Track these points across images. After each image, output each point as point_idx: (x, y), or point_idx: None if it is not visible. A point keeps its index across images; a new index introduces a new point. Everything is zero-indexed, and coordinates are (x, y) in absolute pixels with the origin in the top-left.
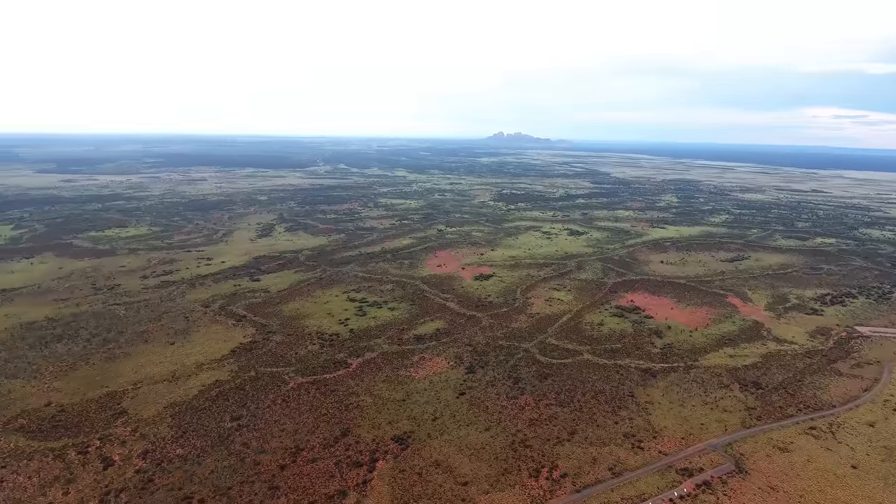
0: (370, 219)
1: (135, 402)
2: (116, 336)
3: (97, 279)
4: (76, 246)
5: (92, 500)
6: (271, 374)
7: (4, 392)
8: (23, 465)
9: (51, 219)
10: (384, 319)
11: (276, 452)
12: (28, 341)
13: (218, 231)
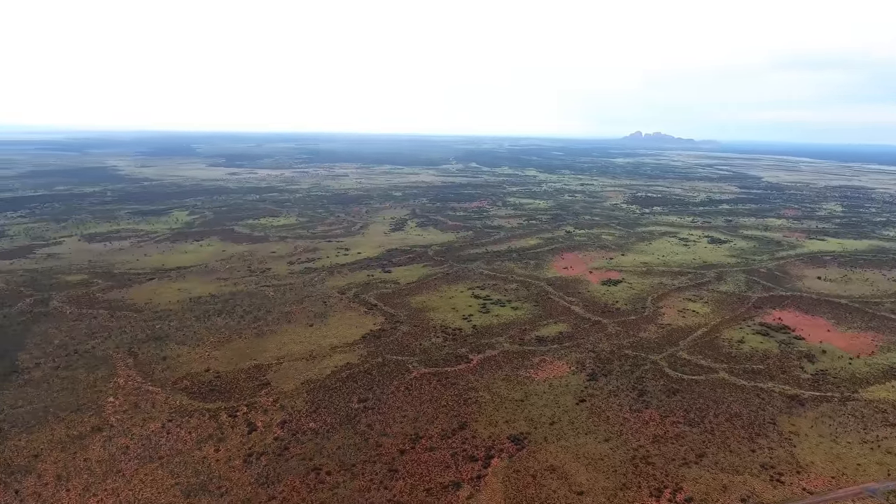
0: (498, 217)
1: (277, 375)
2: (265, 315)
3: (252, 262)
4: (236, 232)
5: (237, 458)
6: (397, 362)
7: (174, 356)
8: (184, 420)
9: (218, 207)
10: (507, 318)
11: (396, 437)
12: (195, 313)
13: (356, 224)
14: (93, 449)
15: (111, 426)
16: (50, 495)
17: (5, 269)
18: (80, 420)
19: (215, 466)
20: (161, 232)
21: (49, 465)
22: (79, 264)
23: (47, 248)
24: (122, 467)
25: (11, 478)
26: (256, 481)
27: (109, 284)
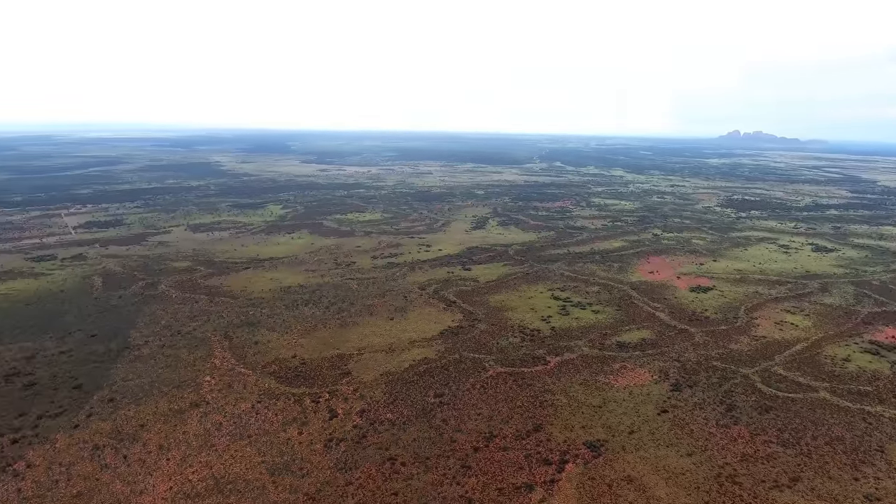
0: (581, 218)
1: (358, 365)
2: (348, 306)
3: (338, 256)
4: (325, 226)
5: (318, 442)
6: (473, 360)
7: (265, 341)
8: (272, 403)
9: (308, 202)
10: (587, 321)
11: (470, 434)
12: (284, 302)
13: (438, 221)
14: (190, 423)
15: (207, 403)
16: (153, 462)
17: (122, 254)
18: (181, 396)
19: (298, 448)
20: (257, 224)
21: (153, 434)
22: (184, 252)
23: (158, 236)
24: (215, 442)
25: (121, 444)
26: (335, 466)
27: (210, 272)
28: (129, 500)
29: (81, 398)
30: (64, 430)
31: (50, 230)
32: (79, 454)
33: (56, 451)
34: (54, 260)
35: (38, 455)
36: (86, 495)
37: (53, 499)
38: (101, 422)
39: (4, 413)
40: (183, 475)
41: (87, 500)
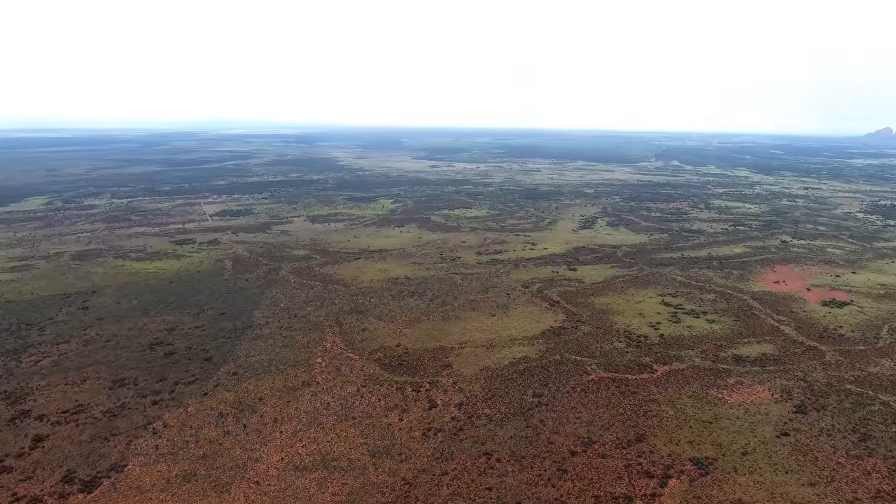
0: (699, 220)
1: (458, 359)
2: (451, 300)
3: (444, 250)
4: (432, 221)
5: (417, 430)
6: (575, 362)
7: (371, 329)
8: (375, 389)
9: (418, 197)
10: (700, 331)
11: (568, 437)
12: (392, 293)
13: (544, 219)
14: (302, 400)
15: (317, 383)
16: (267, 433)
17: (250, 241)
18: (295, 374)
19: (398, 434)
20: (369, 217)
21: (269, 408)
22: (303, 241)
23: (281, 225)
24: (322, 420)
25: (241, 414)
26: (432, 455)
27: (325, 260)
28: (246, 466)
29: (210, 369)
30: (195, 396)
31: (191, 217)
32: (206, 419)
33: (188, 415)
34: (193, 244)
35: (173, 417)
36: (210, 457)
37: (184, 457)
38: (225, 392)
39: (148, 377)
40: (293, 448)
41: (212, 462)
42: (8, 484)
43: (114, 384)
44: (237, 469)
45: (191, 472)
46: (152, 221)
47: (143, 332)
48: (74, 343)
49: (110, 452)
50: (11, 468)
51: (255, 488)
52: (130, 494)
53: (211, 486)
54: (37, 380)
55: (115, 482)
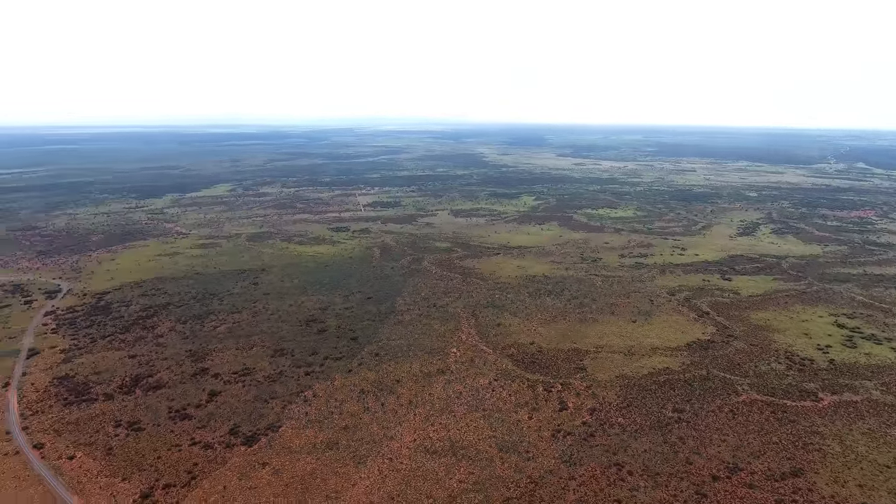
0: (888, 232)
1: (593, 363)
2: (590, 302)
3: (585, 251)
4: (574, 220)
5: (546, 430)
6: (723, 380)
7: (507, 324)
8: (507, 384)
9: (560, 195)
10: (882, 360)
11: (711, 460)
12: (528, 290)
13: (697, 223)
14: (436, 387)
15: (451, 372)
16: (402, 414)
17: (397, 231)
18: (431, 361)
19: (527, 432)
20: (510, 213)
21: (405, 390)
22: (446, 234)
23: (426, 217)
24: (454, 409)
25: (380, 393)
26: (560, 457)
27: (465, 254)
28: (381, 442)
29: (356, 348)
30: (341, 372)
31: (346, 207)
32: (349, 394)
33: (334, 388)
34: (347, 231)
35: (322, 388)
36: (351, 430)
37: (329, 426)
38: (367, 371)
39: (302, 350)
40: (425, 431)
41: (352, 434)
42: (188, 429)
43: (275, 353)
44: (374, 444)
45: (333, 441)
46: (314, 209)
47: (300, 308)
48: (246, 313)
49: (269, 413)
50: (192, 416)
51: (389, 464)
52: (283, 453)
53: (350, 456)
54: (215, 343)
55: (271, 440)
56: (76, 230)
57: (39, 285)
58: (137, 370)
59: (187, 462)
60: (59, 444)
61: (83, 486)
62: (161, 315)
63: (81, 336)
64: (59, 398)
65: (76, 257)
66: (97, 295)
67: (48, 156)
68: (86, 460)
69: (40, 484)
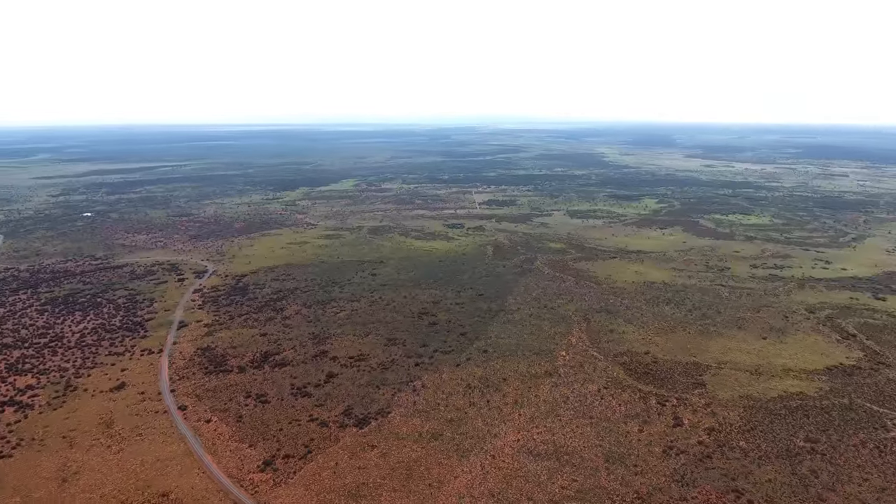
0: None
1: (714, 379)
2: (714, 314)
3: (711, 259)
4: (701, 225)
5: (657, 446)
6: (869, 412)
7: (620, 331)
8: (617, 392)
9: (686, 198)
10: None
11: (848, 499)
12: (645, 297)
13: (846, 234)
14: (542, 389)
15: (559, 375)
16: (507, 413)
17: (511, 230)
18: (538, 362)
19: (636, 445)
20: (630, 216)
21: (511, 389)
22: (560, 234)
23: (541, 217)
24: (560, 413)
25: (486, 389)
26: (671, 476)
27: (579, 256)
28: (485, 438)
29: (465, 343)
30: (449, 365)
31: (462, 204)
32: (456, 388)
33: (442, 381)
34: (462, 228)
35: (430, 380)
36: (456, 423)
37: (435, 417)
38: (475, 367)
39: (414, 341)
40: (529, 433)
41: (457, 427)
42: (307, 406)
43: (388, 342)
44: (477, 439)
45: (439, 432)
46: (431, 206)
47: (414, 301)
48: (363, 302)
49: (379, 399)
50: (311, 394)
51: (491, 461)
52: (390, 439)
53: (454, 449)
54: (335, 328)
55: (381, 425)
56: (222, 218)
57: (190, 265)
58: (267, 347)
59: (304, 436)
60: (199, 408)
61: (216, 447)
62: (289, 298)
63: (222, 313)
64: (201, 367)
65: (221, 242)
66: (237, 277)
67: (203, 151)
68: (220, 425)
69: (182, 442)
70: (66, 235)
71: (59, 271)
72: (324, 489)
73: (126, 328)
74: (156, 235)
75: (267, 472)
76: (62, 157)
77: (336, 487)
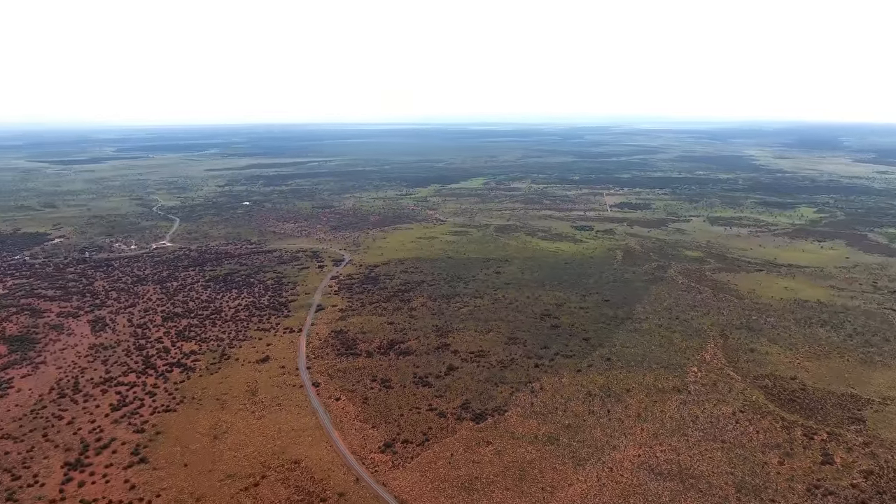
0: None
1: (877, 416)
2: (881, 342)
3: (880, 278)
4: (869, 239)
5: (800, 483)
6: None
7: (762, 351)
8: (755, 418)
9: (852, 208)
10: None
11: None
12: (795, 316)
13: None
14: (669, 405)
15: (689, 393)
16: (629, 426)
17: (643, 235)
18: (666, 377)
19: (774, 478)
20: (781, 225)
21: (635, 402)
22: (698, 242)
23: (677, 223)
24: (688, 433)
25: (607, 399)
26: None
27: (719, 266)
28: (603, 448)
29: (587, 349)
30: (570, 370)
31: (592, 206)
32: (575, 394)
33: (560, 385)
34: (591, 231)
35: (548, 383)
36: (573, 429)
37: (552, 421)
38: (597, 374)
39: (535, 342)
40: (651, 449)
41: (574, 434)
42: (427, 396)
43: (508, 340)
44: (595, 449)
45: (555, 436)
46: (559, 206)
47: (537, 301)
48: (486, 300)
49: (497, 396)
50: (431, 384)
51: (608, 474)
52: (506, 437)
53: (569, 455)
54: (457, 322)
55: (497, 422)
56: (359, 210)
57: (329, 254)
58: (393, 336)
59: (423, 424)
60: (330, 386)
61: (343, 424)
62: (416, 290)
63: (355, 300)
64: (334, 348)
65: (357, 233)
66: (369, 267)
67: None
68: (347, 404)
69: (314, 415)
70: (228, 221)
71: (221, 252)
72: (438, 478)
73: (272, 307)
74: (301, 224)
75: (387, 454)
76: (228, 151)
77: (450, 478)
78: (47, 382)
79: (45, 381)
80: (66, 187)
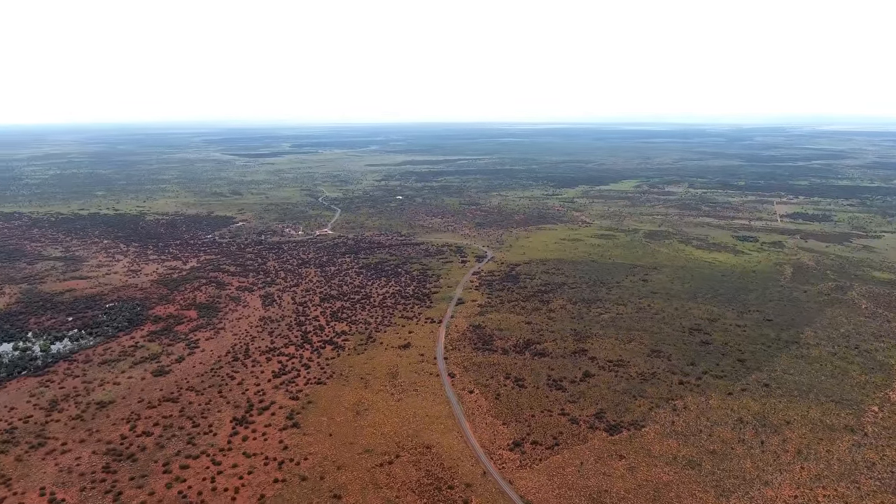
0: None
1: None
2: None
3: None
4: None
5: None
6: None
7: None
8: None
9: None
10: None
11: None
12: None
13: None
14: (839, 445)
15: (865, 434)
16: (786, 462)
17: (820, 250)
18: (837, 412)
19: None
20: None
21: (795, 436)
22: (890, 262)
23: (865, 239)
24: (859, 479)
25: (762, 429)
26: None
27: None
28: (752, 483)
29: (741, 372)
30: (719, 392)
31: (759, 215)
32: (724, 418)
33: (707, 407)
34: (755, 242)
35: (694, 402)
36: (718, 456)
37: (694, 444)
38: (751, 400)
39: (681, 357)
40: (813, 492)
41: (719, 462)
42: (560, 399)
43: (651, 353)
44: (742, 481)
45: (696, 461)
46: (719, 214)
47: (686, 314)
48: (629, 307)
49: (634, 409)
50: (565, 389)
51: None
52: (641, 453)
53: (712, 484)
54: (597, 328)
55: (632, 436)
56: (505, 209)
57: (473, 250)
58: (529, 335)
59: (554, 428)
60: (465, 379)
61: (474, 417)
62: (556, 292)
63: (494, 296)
64: (471, 342)
65: (501, 231)
66: (511, 265)
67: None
68: (479, 398)
69: (447, 404)
70: (382, 213)
71: (374, 242)
72: (565, 484)
73: (416, 297)
74: (448, 220)
75: (515, 452)
76: (387, 148)
77: (578, 486)
78: (225, 346)
79: (223, 344)
80: (251, 177)
